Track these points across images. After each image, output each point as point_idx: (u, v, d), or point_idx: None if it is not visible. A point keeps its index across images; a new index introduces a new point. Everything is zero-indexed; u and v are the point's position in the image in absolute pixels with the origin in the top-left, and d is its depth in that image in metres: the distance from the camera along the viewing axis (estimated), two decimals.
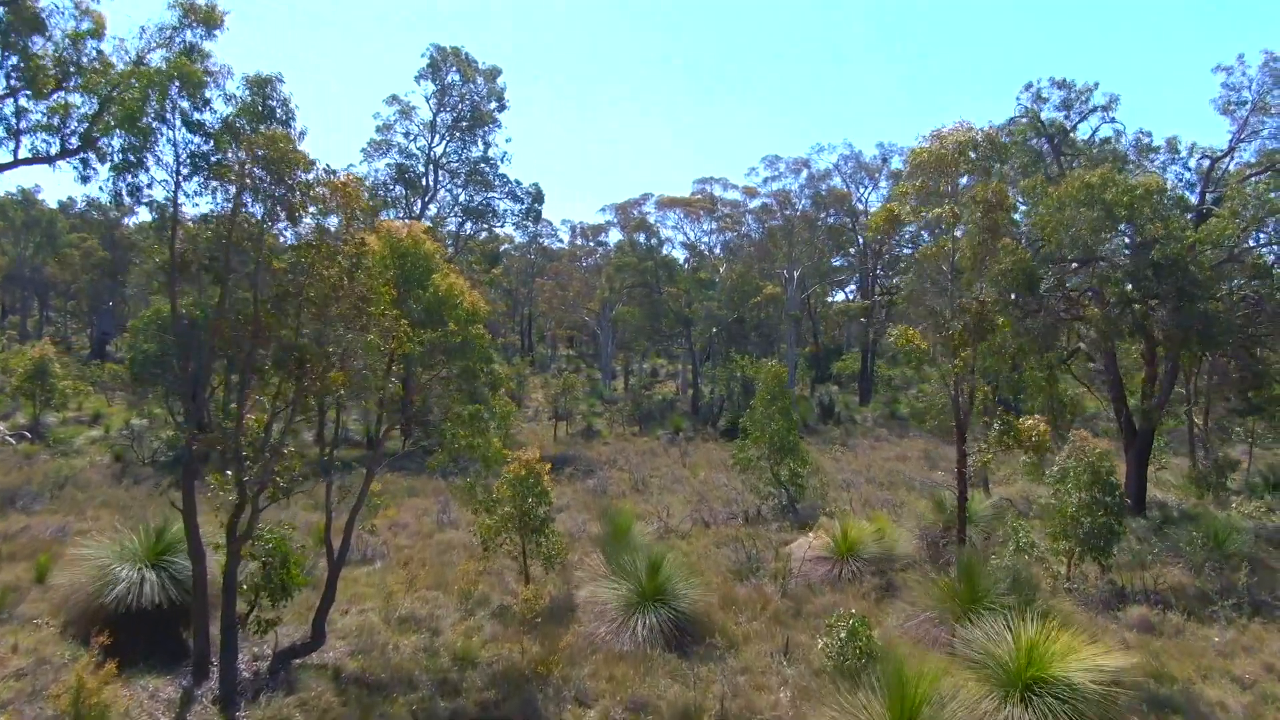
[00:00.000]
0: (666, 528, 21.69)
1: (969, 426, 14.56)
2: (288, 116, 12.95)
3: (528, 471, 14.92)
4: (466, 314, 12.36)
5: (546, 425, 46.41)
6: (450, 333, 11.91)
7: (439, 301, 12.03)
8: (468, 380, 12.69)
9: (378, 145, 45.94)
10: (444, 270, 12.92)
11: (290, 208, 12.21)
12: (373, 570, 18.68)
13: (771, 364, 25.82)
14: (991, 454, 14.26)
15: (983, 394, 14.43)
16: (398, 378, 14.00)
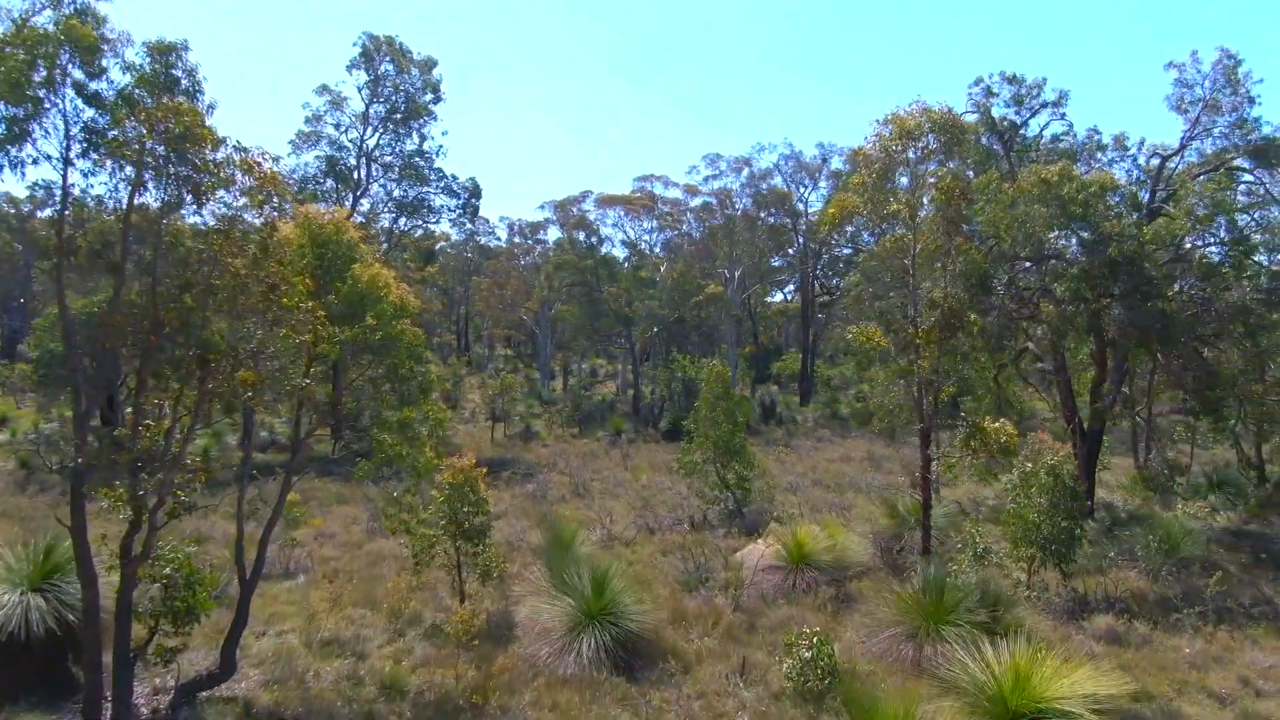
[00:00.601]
0: (610, 535, 20.73)
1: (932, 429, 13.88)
2: (194, 88, 11.71)
3: (463, 479, 13.81)
4: (392, 309, 11.24)
5: (483, 427, 45.07)
6: (369, 328, 10.74)
7: (360, 295, 10.89)
8: (394, 382, 11.54)
9: (307, 137, 44.10)
10: (368, 261, 11.74)
11: (196, 190, 10.96)
12: (295, 586, 17.35)
13: (715, 364, 25.06)
14: (957, 458, 13.60)
15: (948, 395, 13.73)
16: (321, 377, 12.79)
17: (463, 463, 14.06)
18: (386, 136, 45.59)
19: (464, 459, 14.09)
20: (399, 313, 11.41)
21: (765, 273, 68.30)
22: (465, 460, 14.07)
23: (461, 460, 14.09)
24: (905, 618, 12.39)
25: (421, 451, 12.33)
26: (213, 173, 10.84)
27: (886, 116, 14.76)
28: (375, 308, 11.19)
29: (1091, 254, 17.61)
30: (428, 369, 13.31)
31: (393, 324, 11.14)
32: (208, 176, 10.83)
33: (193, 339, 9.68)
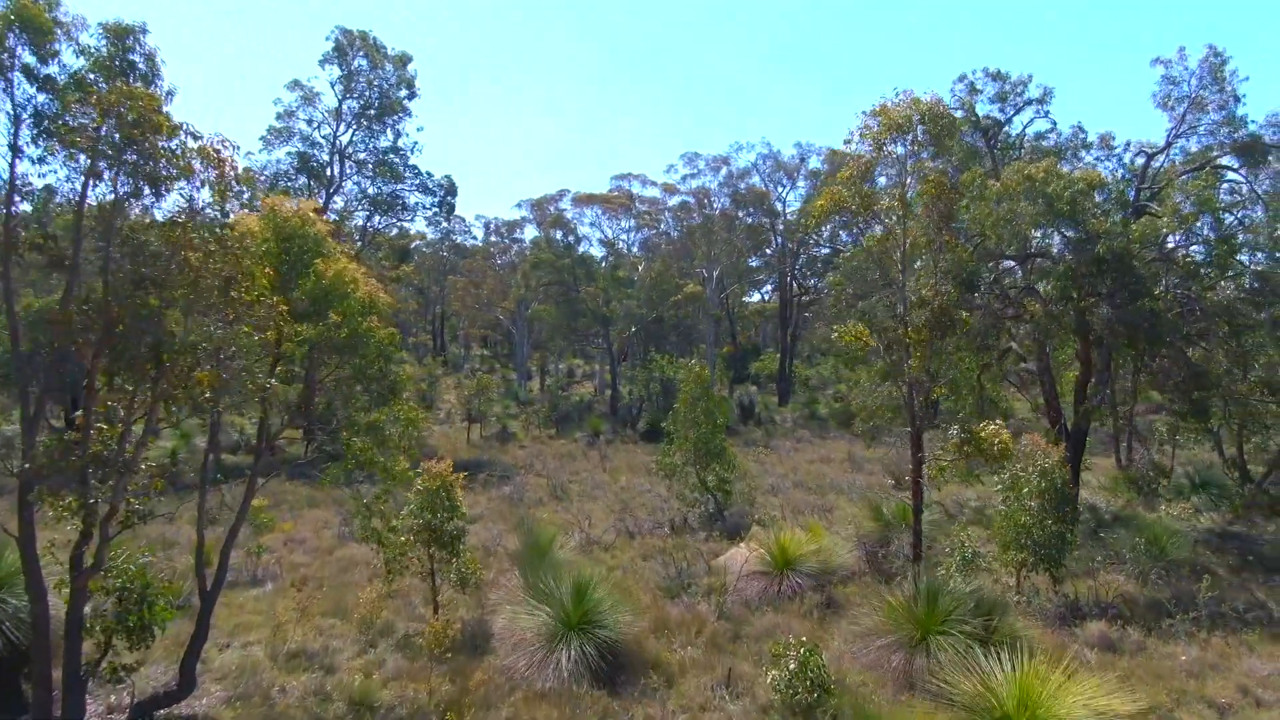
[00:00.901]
0: (589, 539, 20.24)
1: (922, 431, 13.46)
2: (152, 73, 11.10)
3: (438, 484, 13.27)
4: (359, 305, 10.68)
5: (459, 428, 44.46)
6: (333, 326, 10.18)
7: (324, 291, 10.32)
8: (362, 383, 10.98)
9: (278, 133, 43.30)
10: (334, 256, 11.18)
11: (153, 180, 10.38)
12: (262, 594, 16.73)
13: (694, 364, 24.61)
14: (949, 462, 13.21)
15: (939, 395, 13.35)
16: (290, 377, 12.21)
17: (439, 467, 13.52)
18: (360, 133, 44.89)
19: (440, 463, 13.55)
20: (367, 310, 10.87)
21: (743, 273, 68.04)
22: (441, 464, 13.53)
23: (437, 464, 13.55)
24: (896, 626, 11.98)
25: (394, 456, 11.77)
26: (170, 162, 10.27)
27: (874, 108, 14.35)
28: (342, 304, 10.63)
29: (1078, 252, 17.32)
30: (399, 369, 12.70)
31: (360, 321, 10.58)
32: (165, 166, 10.26)
33: (146, 337, 9.09)
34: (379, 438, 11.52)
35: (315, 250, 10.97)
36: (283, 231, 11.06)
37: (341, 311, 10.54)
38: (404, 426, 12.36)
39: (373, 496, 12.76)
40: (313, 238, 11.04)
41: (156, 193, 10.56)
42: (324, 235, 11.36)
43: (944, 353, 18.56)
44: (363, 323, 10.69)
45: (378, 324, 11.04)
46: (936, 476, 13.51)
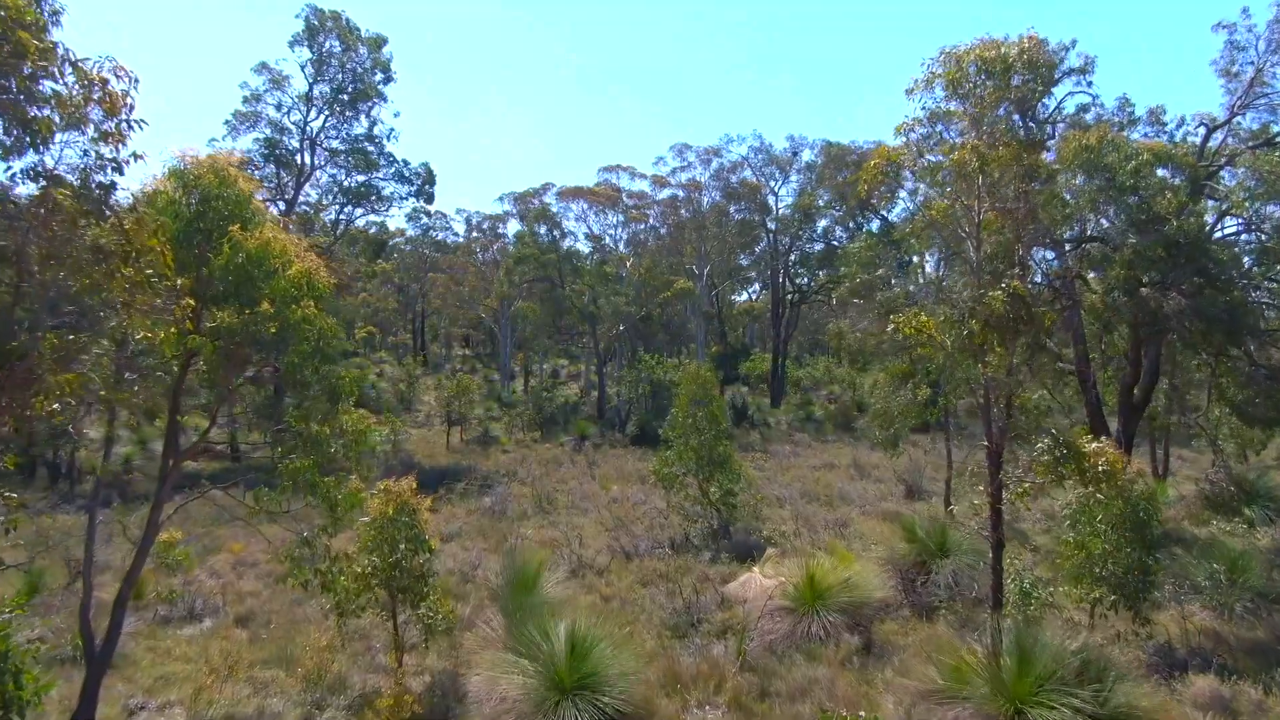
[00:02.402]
0: (580, 562, 17.83)
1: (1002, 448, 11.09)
2: None
3: (398, 507, 10.85)
4: (292, 288, 8.27)
5: (439, 431, 41.95)
6: (256, 315, 7.78)
7: (242, 268, 7.90)
8: (293, 387, 8.59)
9: (244, 117, 40.54)
10: (262, 222, 8.75)
11: (23, 121, 7.93)
12: (198, 633, 14.29)
13: (694, 364, 22.25)
14: (1029, 486, 10.84)
15: (1022, 403, 11.02)
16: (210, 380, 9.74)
17: (399, 486, 11.09)
18: (332, 119, 42.23)
19: (401, 481, 11.12)
20: (303, 293, 8.48)
21: (733, 270, 65.76)
22: (402, 483, 11.10)
23: (398, 483, 11.12)
24: (972, 691, 9.64)
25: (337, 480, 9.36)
26: (53, 103, 7.83)
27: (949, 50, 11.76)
28: (271, 286, 8.24)
29: (1142, 234, 15.08)
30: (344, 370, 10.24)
31: (292, 309, 8.20)
32: (42, 108, 7.82)
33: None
34: (322, 454, 9.11)
35: (237, 214, 8.54)
36: (206, 193, 8.58)
37: (272, 296, 8.16)
38: (352, 441, 9.95)
39: (315, 531, 10.28)
40: (234, 199, 8.61)
41: (33, 143, 8.13)
42: (249, 196, 8.94)
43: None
44: (296, 310, 8.30)
45: (315, 309, 8.64)
46: (1018, 500, 11.18)
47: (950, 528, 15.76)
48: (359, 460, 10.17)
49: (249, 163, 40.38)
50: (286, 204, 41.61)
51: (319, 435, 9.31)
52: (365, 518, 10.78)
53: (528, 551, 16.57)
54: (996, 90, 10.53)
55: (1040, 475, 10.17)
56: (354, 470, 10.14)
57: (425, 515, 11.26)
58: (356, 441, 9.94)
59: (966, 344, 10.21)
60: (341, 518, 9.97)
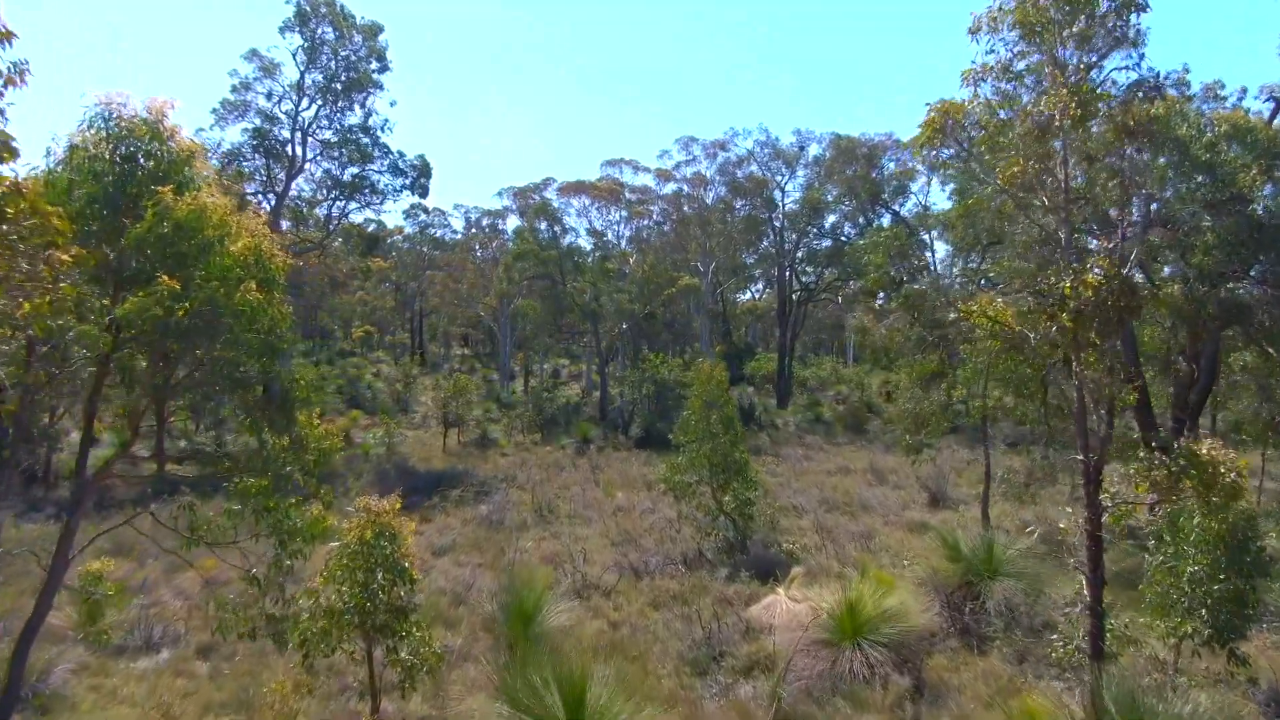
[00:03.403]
0: (584, 581, 16.20)
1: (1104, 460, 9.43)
2: None
3: (376, 531, 9.22)
4: (233, 265, 6.66)
5: (436, 432, 40.28)
6: (161, 295, 6.16)
7: (168, 241, 6.28)
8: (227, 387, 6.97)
9: (233, 106, 38.95)
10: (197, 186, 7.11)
11: None
12: (154, 666, 12.69)
13: (706, 363, 20.62)
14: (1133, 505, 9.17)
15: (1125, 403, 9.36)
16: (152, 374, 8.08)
17: (380, 506, 9.46)
18: (325, 109, 40.60)
19: (381, 501, 9.49)
20: (247, 273, 6.88)
21: (738, 268, 64.12)
22: (382, 503, 9.47)
23: (378, 502, 9.49)
24: None
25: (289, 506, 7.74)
26: None
27: None
28: (208, 265, 6.64)
29: (1218, 216, 13.45)
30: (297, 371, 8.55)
31: (226, 291, 6.58)
32: None
33: None
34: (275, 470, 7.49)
35: (171, 175, 6.94)
36: (128, 150, 6.95)
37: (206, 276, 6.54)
38: (315, 458, 8.32)
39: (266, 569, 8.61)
40: (168, 157, 7.01)
41: None
42: (190, 154, 7.33)
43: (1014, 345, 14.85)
44: (234, 293, 6.66)
45: (260, 294, 6.98)
46: (1116, 523, 9.54)
47: (997, 545, 14.11)
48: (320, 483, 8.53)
49: (239, 155, 38.82)
50: (277, 197, 40.01)
51: (273, 450, 7.71)
52: (334, 543, 9.17)
53: (526, 571, 14.96)
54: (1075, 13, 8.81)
55: (1143, 491, 8.52)
56: (313, 493, 8.50)
57: (408, 539, 9.62)
58: (318, 459, 8.31)
59: (1058, 338, 8.58)
60: (301, 549, 8.33)
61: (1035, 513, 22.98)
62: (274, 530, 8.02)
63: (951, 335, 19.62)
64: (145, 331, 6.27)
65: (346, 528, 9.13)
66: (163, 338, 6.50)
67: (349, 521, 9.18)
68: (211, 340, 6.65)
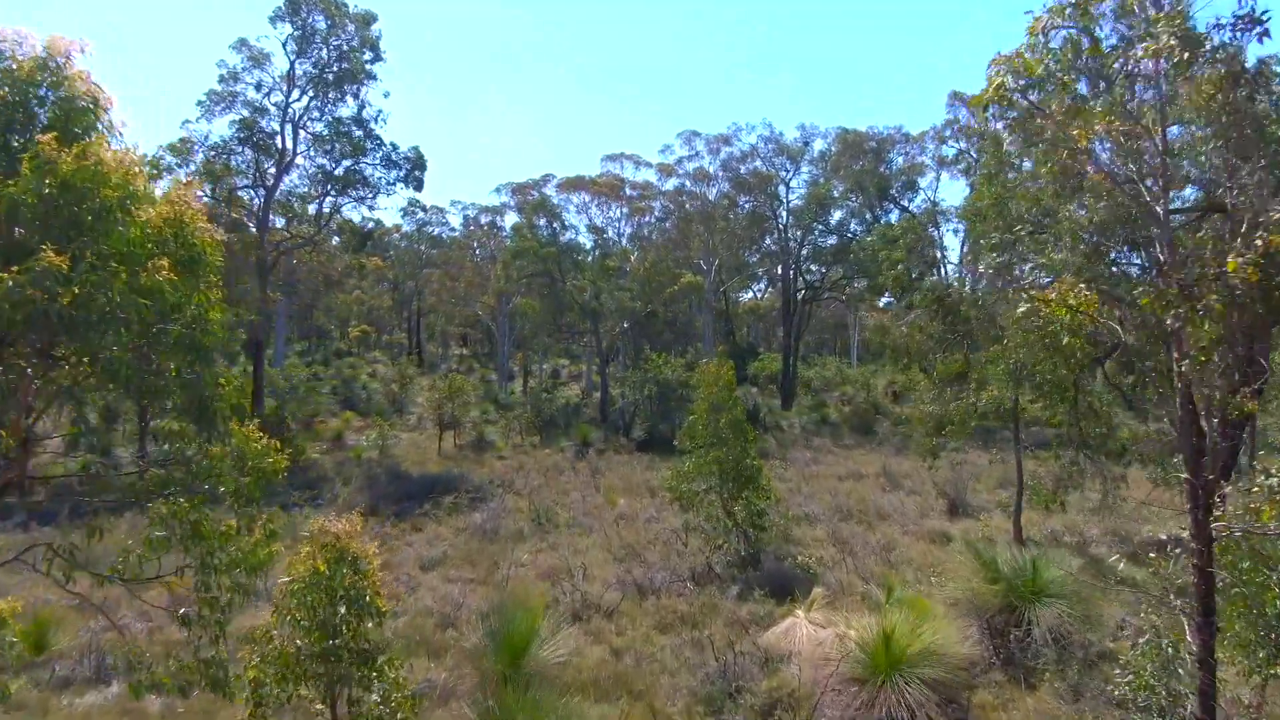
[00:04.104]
0: (584, 600, 14.80)
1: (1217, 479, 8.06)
2: None
3: (333, 558, 7.82)
4: (142, 239, 5.29)
5: (431, 434, 38.94)
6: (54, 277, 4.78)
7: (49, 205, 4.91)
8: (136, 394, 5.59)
9: (220, 97, 37.52)
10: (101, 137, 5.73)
11: None
12: (102, 701, 11.35)
13: (714, 363, 19.24)
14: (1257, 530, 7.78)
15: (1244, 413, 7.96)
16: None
17: (339, 527, 8.07)
18: (316, 101, 39.19)
19: (340, 521, 8.10)
20: (162, 249, 5.51)
21: (741, 266, 62.71)
22: (343, 523, 8.08)
23: (336, 523, 8.10)
24: None
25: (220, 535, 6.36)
26: None
27: None
28: (112, 236, 5.27)
29: None
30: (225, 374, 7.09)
31: (126, 272, 5.20)
32: None
33: None
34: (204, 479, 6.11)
35: (69, 123, 5.58)
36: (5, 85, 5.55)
37: (102, 252, 5.16)
38: (252, 479, 6.93)
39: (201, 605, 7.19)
40: (64, 98, 5.64)
41: None
42: (94, 100, 5.96)
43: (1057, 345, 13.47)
44: (141, 274, 5.27)
45: (170, 273, 5.59)
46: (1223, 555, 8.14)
47: (1041, 563, 12.73)
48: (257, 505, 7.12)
49: (227, 149, 37.41)
50: (267, 191, 38.63)
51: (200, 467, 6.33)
52: (284, 579, 7.79)
53: (521, 589, 13.62)
54: None
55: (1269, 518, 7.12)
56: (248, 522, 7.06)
57: (374, 565, 8.23)
58: (256, 479, 6.89)
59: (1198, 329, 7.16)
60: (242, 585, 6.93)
61: (1063, 522, 21.65)
62: (201, 565, 6.66)
63: (977, 334, 18.24)
64: (18, 323, 4.91)
65: (299, 555, 7.75)
66: (43, 330, 5.14)
67: (303, 547, 7.79)
68: (104, 335, 5.24)
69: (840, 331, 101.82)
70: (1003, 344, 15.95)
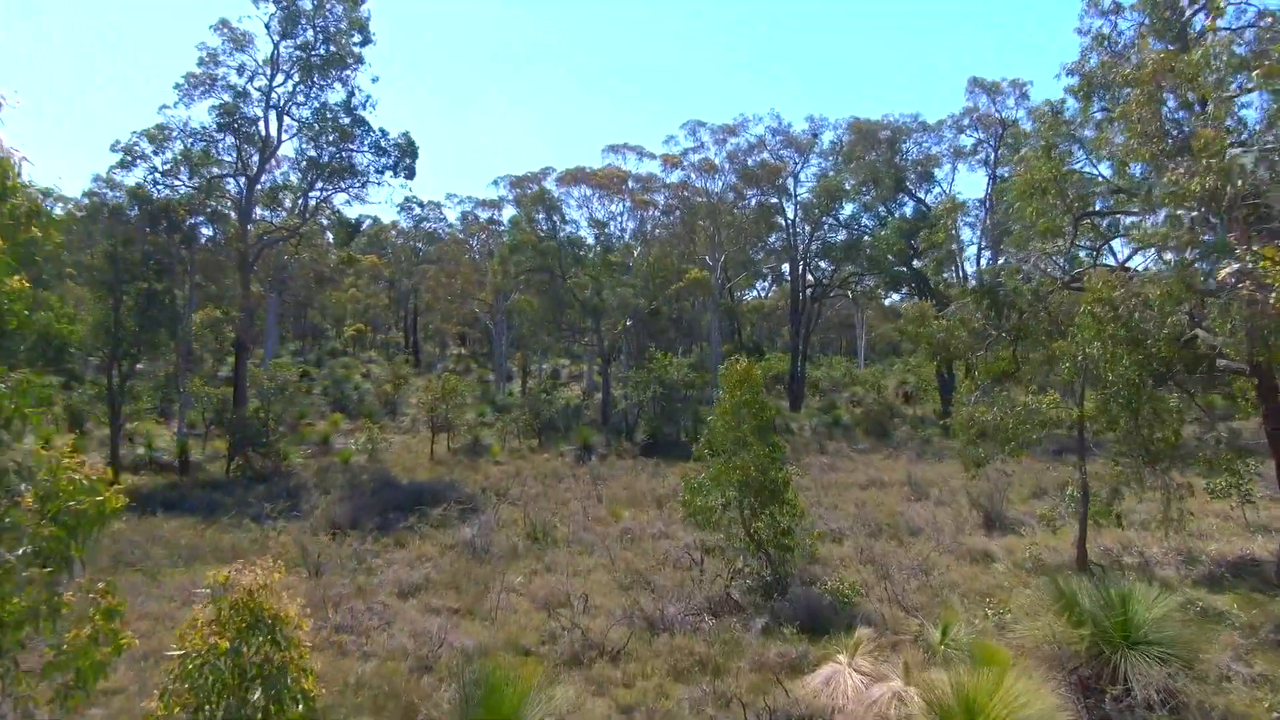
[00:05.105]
0: (585, 639, 12.61)
1: None
2: None
3: (243, 625, 5.66)
4: None
5: (424, 438, 36.82)
6: None
7: None
8: None
9: (198, 80, 35.32)
10: None
11: None
12: None
13: (741, 360, 17.02)
14: None
15: None
16: None
17: (251, 579, 5.90)
18: (302, 85, 37.00)
19: (252, 570, 5.94)
20: None
21: (747, 262, 60.49)
22: (253, 572, 5.92)
23: (246, 572, 5.93)
24: None
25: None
26: None
27: None
28: None
29: None
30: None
31: None
32: None
33: None
34: None
35: None
36: None
37: None
38: (64, 527, 4.74)
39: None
40: None
41: None
42: None
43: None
44: None
45: None
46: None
47: (1135, 599, 10.56)
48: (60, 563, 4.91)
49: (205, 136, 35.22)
50: (249, 180, 36.47)
51: None
52: (174, 650, 5.65)
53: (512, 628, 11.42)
54: None
55: None
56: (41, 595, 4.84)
57: (304, 628, 6.07)
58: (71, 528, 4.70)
59: None
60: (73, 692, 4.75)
61: (1116, 538, 19.47)
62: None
63: (1032, 327, 16.09)
64: None
65: (191, 623, 5.60)
66: None
67: (195, 613, 5.64)
68: None
69: (846, 331, 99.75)
70: (1069, 338, 13.84)
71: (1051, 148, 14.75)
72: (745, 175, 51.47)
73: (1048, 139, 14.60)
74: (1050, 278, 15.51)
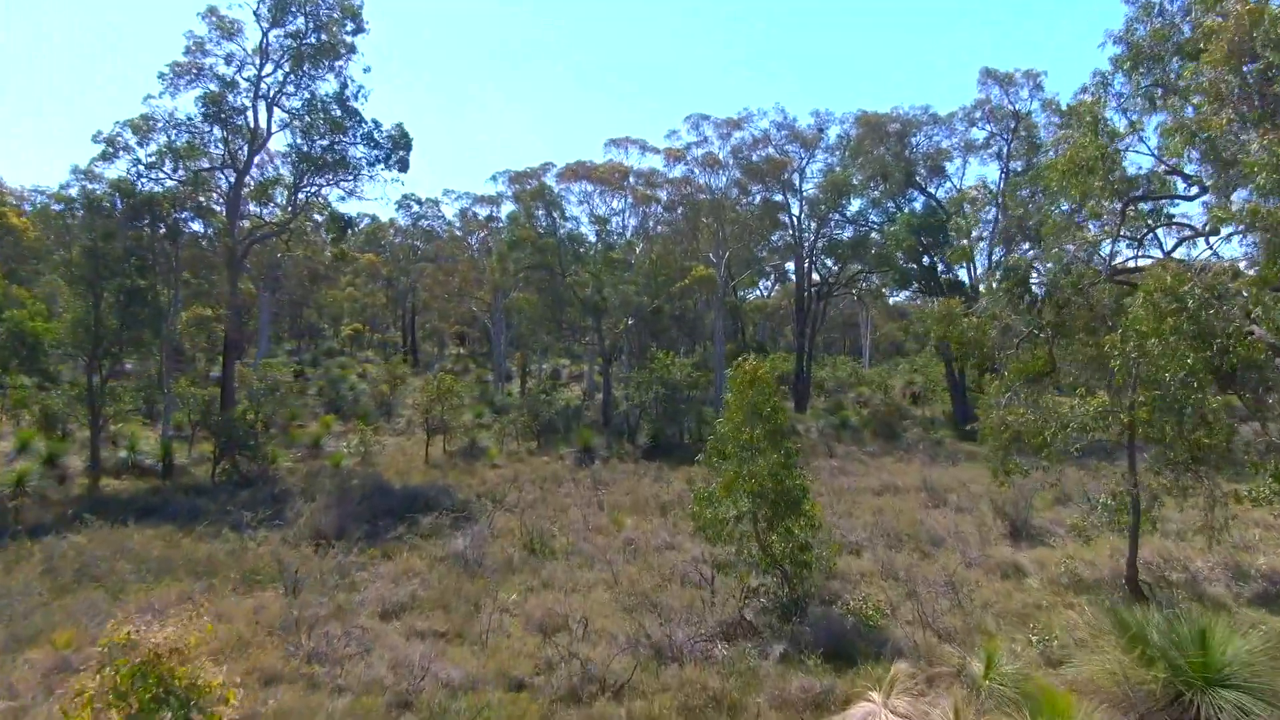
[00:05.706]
0: (584, 671, 11.30)
1: None
2: None
3: (147, 696, 4.38)
4: None
5: (419, 440, 35.48)
6: None
7: None
8: None
9: (184, 69, 33.98)
10: None
11: None
12: None
13: (749, 361, 15.71)
14: None
15: None
16: None
17: (164, 638, 4.61)
18: (292, 75, 35.65)
19: (157, 627, 4.65)
20: None
21: (751, 260, 59.10)
22: (163, 632, 4.62)
23: (160, 631, 4.64)
24: None
25: None
26: None
27: None
28: None
29: None
30: None
31: None
32: None
33: None
34: None
35: None
36: None
37: None
38: None
39: None
40: None
41: None
42: None
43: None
44: None
45: None
46: None
47: (1215, 634, 9.25)
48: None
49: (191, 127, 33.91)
50: (238, 173, 35.15)
51: None
52: None
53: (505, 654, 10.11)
54: None
55: None
56: None
57: (230, 700, 4.78)
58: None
59: None
60: None
61: (1156, 549, 18.17)
62: None
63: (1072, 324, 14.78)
64: None
65: (78, 694, 4.32)
66: None
67: (82, 681, 4.36)
68: None
69: (850, 330, 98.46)
70: (1119, 335, 12.54)
71: (1099, 122, 13.43)
72: (749, 170, 50.07)
73: (1093, 113, 13.31)
74: (1094, 268, 14.21)
